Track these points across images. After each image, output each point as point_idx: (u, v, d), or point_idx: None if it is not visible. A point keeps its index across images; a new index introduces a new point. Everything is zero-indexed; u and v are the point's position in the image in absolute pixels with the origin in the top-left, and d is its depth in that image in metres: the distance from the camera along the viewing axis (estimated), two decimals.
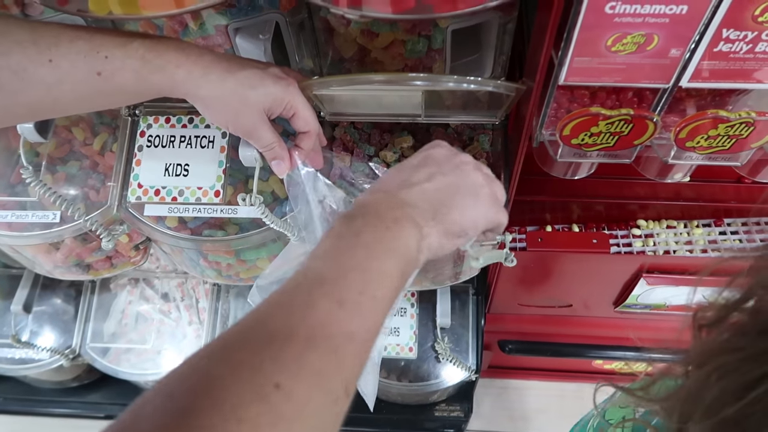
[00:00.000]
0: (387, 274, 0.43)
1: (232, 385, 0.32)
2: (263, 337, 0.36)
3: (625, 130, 0.59)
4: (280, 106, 0.59)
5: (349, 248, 0.44)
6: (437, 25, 0.65)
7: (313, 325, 0.37)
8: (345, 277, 0.41)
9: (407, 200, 0.48)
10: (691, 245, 1.03)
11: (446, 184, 0.51)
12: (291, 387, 0.33)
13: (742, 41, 0.51)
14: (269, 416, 0.32)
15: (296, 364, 0.34)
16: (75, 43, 0.53)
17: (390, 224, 0.46)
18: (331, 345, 0.37)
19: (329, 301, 0.39)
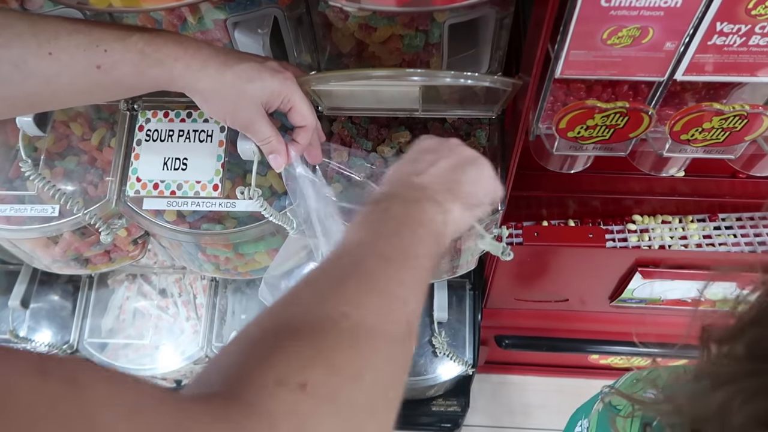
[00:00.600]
0: (421, 240, 0.46)
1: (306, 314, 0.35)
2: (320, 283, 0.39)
3: (621, 123, 0.60)
4: (278, 99, 0.60)
5: (381, 222, 0.47)
6: (434, 20, 0.66)
7: (365, 273, 0.40)
8: (384, 241, 0.44)
9: (422, 184, 0.51)
10: (686, 240, 1.04)
11: (450, 165, 0.54)
12: (360, 316, 0.36)
13: (736, 34, 0.52)
14: (345, 338, 0.34)
15: (359, 301, 0.37)
16: (74, 37, 0.53)
17: (413, 204, 0.49)
18: (385, 287, 0.40)
19: (373, 257, 0.42)
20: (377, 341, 0.36)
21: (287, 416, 0.29)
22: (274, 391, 0.29)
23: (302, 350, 0.32)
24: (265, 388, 0.29)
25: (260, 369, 0.31)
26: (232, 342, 0.35)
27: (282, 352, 0.32)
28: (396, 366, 0.37)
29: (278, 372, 0.30)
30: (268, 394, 0.29)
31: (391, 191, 0.52)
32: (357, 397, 0.32)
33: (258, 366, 0.31)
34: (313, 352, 0.32)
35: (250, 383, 0.30)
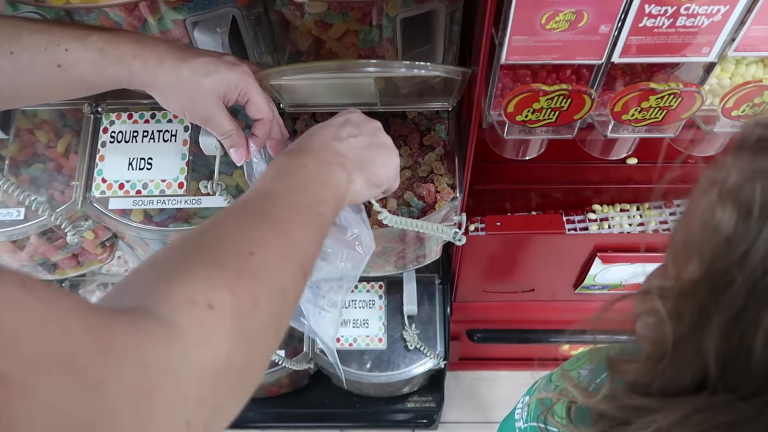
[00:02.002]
0: (324, 200, 0.51)
1: (217, 247, 0.40)
2: (233, 223, 0.44)
3: (565, 105, 0.63)
4: (235, 92, 0.61)
5: (294, 176, 0.52)
6: (387, 15, 0.68)
7: (273, 220, 0.45)
8: (294, 194, 0.49)
9: (339, 150, 0.56)
10: (644, 227, 1.08)
11: (368, 143, 0.60)
12: (263, 255, 0.40)
13: (664, 16, 0.56)
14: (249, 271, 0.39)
15: (265, 242, 0.42)
16: (35, 36, 0.55)
17: (325, 165, 0.54)
18: (289, 234, 0.45)
19: (282, 207, 0.47)
20: (275, 277, 0.41)
21: (194, 329, 0.33)
22: (185, 307, 0.34)
23: (212, 276, 0.37)
24: (177, 305, 0.33)
25: (174, 288, 0.35)
26: (146, 263, 0.39)
27: (194, 276, 0.36)
28: (288, 300, 0.43)
29: (190, 292, 0.35)
30: (179, 309, 0.33)
31: (309, 148, 0.56)
32: (253, 320, 0.37)
33: (171, 285, 0.35)
34: (221, 279, 0.37)
35: (164, 300, 0.33)
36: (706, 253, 0.34)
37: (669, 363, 0.36)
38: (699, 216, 0.35)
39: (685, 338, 0.35)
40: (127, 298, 0.35)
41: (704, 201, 0.35)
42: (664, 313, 0.36)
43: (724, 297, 0.32)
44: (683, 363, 0.35)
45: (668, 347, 0.36)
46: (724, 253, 0.32)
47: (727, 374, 0.33)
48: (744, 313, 0.31)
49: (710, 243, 0.33)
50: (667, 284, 0.37)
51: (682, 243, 0.37)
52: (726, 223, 0.32)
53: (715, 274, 0.33)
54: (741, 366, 0.32)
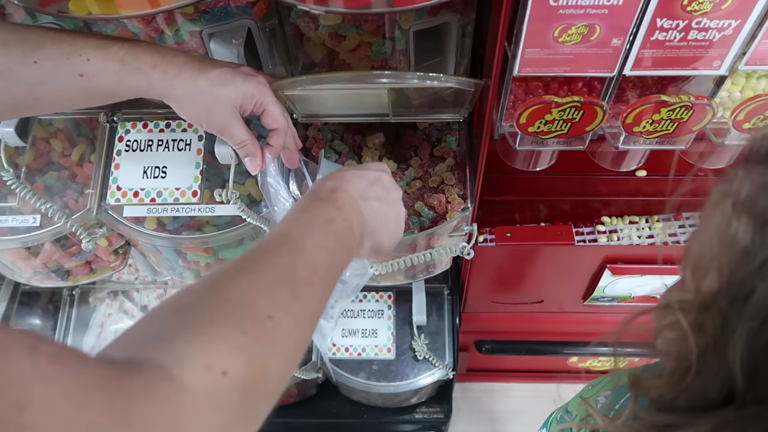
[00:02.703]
0: (341, 264, 0.52)
1: (239, 304, 0.40)
2: (258, 278, 0.43)
3: (577, 117, 0.64)
4: (251, 102, 0.62)
5: (323, 231, 0.51)
6: (400, 27, 0.69)
7: (295, 283, 0.45)
8: (319, 255, 0.48)
9: (363, 212, 0.56)
10: (653, 239, 1.08)
11: (385, 213, 0.59)
12: (281, 321, 0.41)
13: (675, 30, 0.56)
14: (265, 337, 0.39)
15: (285, 307, 0.42)
16: (58, 46, 0.56)
17: (348, 228, 0.54)
18: (308, 300, 0.45)
19: (307, 269, 0.46)
20: (288, 345, 0.42)
21: (208, 396, 0.34)
22: (201, 372, 0.34)
23: (230, 340, 0.37)
24: (195, 369, 0.34)
25: (193, 348, 0.35)
26: (167, 307, 0.39)
27: (214, 337, 0.37)
28: (292, 365, 0.44)
29: (208, 356, 0.35)
30: (197, 374, 0.34)
31: (339, 200, 0.55)
32: (261, 386, 0.38)
33: (191, 345, 0.35)
34: (239, 345, 0.37)
35: (182, 361, 0.34)
36: (724, 265, 0.34)
37: (694, 377, 0.36)
38: (714, 229, 0.35)
39: (710, 351, 0.35)
40: (147, 344, 0.36)
41: (718, 213, 0.35)
42: (686, 327, 0.36)
43: (746, 307, 0.32)
44: (709, 376, 0.35)
45: (693, 360, 0.36)
46: (743, 264, 0.33)
47: (755, 385, 0.33)
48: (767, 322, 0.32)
49: (728, 255, 0.34)
50: (687, 297, 0.37)
51: (699, 256, 0.37)
52: (743, 234, 0.33)
53: (735, 285, 0.33)
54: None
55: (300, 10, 0.68)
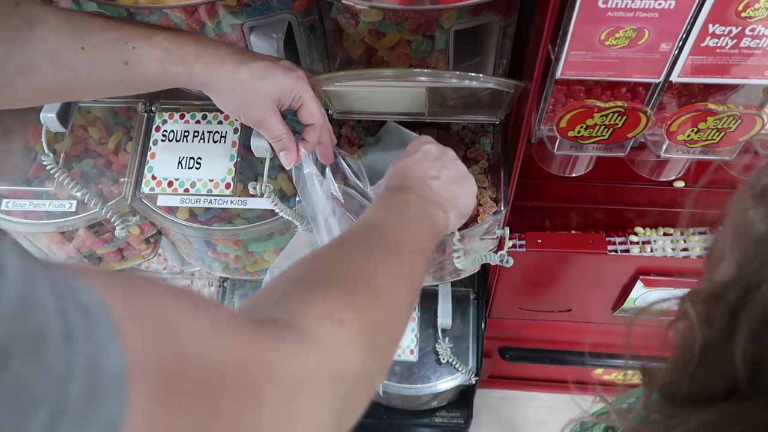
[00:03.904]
0: (430, 236, 0.57)
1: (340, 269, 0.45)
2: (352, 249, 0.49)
3: (619, 123, 0.62)
4: (289, 96, 0.62)
5: (402, 211, 0.57)
6: (441, 26, 0.69)
7: (386, 248, 0.50)
8: (404, 227, 0.54)
9: (435, 188, 0.61)
10: (687, 252, 1.05)
11: (453, 177, 0.65)
12: (380, 280, 0.45)
13: (728, 36, 0.55)
14: (369, 293, 0.43)
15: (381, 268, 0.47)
16: (106, 33, 0.57)
17: (428, 204, 0.59)
18: (400, 262, 0.50)
19: (394, 237, 0.52)
20: (391, 299, 0.46)
21: (329, 341, 0.37)
22: (320, 323, 0.37)
23: (340, 296, 0.41)
24: (313, 320, 0.37)
25: (308, 305, 0.39)
26: (278, 281, 0.44)
27: (324, 295, 0.40)
28: (401, 321, 0.48)
29: (322, 310, 0.39)
30: (315, 324, 0.37)
31: (410, 185, 0.61)
32: (375, 336, 0.41)
33: (306, 303, 0.39)
34: (348, 300, 0.41)
35: (301, 315, 0.37)
36: (738, 255, 0.34)
37: (697, 367, 0.36)
38: (732, 218, 0.35)
39: (715, 342, 0.35)
40: (267, 309, 0.39)
41: (738, 203, 0.35)
42: (693, 316, 0.36)
43: (755, 298, 0.32)
44: (712, 367, 0.35)
45: (696, 351, 0.36)
46: (756, 254, 0.32)
47: (757, 377, 0.32)
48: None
49: (742, 243, 0.34)
50: (698, 287, 0.38)
51: (715, 245, 0.37)
52: (759, 223, 0.33)
53: (746, 276, 0.33)
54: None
55: (341, 6, 0.68)
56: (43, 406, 0.20)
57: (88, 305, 0.24)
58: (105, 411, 0.22)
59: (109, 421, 0.23)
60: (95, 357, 0.23)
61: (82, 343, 0.22)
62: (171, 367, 0.26)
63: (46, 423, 0.20)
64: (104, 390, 0.23)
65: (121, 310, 0.25)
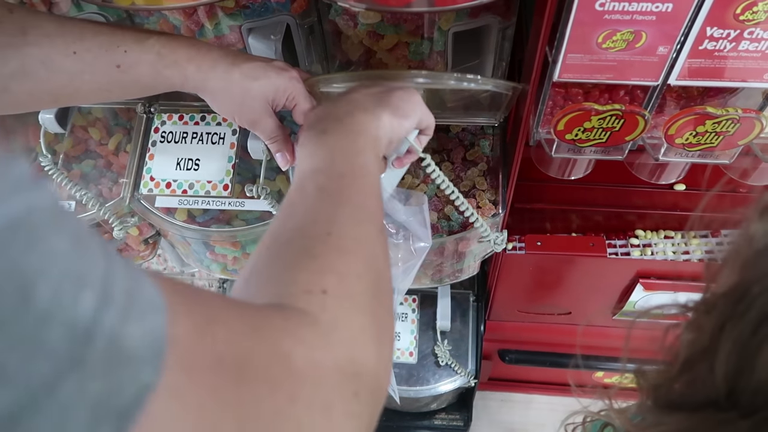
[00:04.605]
0: (362, 149, 0.51)
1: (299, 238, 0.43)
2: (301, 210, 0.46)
3: (617, 126, 0.62)
4: (283, 96, 0.62)
5: (324, 143, 0.52)
6: (439, 28, 0.69)
7: (329, 193, 0.47)
8: (334, 160, 0.50)
9: (352, 98, 0.56)
10: (688, 255, 1.05)
11: (380, 90, 0.58)
12: (339, 231, 0.43)
13: (726, 39, 0.54)
14: (336, 251, 0.42)
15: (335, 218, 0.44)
16: (98, 38, 0.57)
17: (346, 117, 0.53)
18: (349, 200, 0.47)
19: (331, 177, 0.48)
20: (360, 245, 0.44)
21: (322, 313, 0.37)
22: (306, 297, 0.37)
23: (312, 266, 0.40)
24: (299, 297, 0.37)
25: (288, 285, 0.38)
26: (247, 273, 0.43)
27: (298, 270, 0.39)
28: (380, 258, 0.45)
29: (303, 284, 0.38)
30: (304, 300, 0.37)
31: (323, 114, 0.55)
32: (364, 291, 0.40)
33: (284, 284, 0.39)
34: (321, 266, 0.40)
35: (289, 295, 0.37)
36: (736, 266, 0.34)
37: (683, 374, 0.36)
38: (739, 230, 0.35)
39: (701, 352, 0.34)
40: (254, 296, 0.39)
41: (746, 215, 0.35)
42: (684, 323, 0.37)
43: (742, 312, 0.32)
44: (697, 377, 0.35)
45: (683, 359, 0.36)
46: (753, 267, 0.32)
47: (735, 392, 0.32)
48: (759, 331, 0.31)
49: (742, 254, 0.34)
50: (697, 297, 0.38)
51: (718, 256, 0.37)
52: (761, 236, 0.33)
53: (740, 287, 0.33)
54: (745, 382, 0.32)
55: (339, 8, 0.68)
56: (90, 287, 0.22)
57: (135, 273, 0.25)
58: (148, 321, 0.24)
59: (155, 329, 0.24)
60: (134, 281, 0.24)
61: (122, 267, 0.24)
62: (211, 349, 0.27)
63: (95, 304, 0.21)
64: (145, 307, 0.24)
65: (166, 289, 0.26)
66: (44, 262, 0.20)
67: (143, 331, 0.23)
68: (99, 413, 0.21)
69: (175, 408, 0.25)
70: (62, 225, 0.22)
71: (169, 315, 0.25)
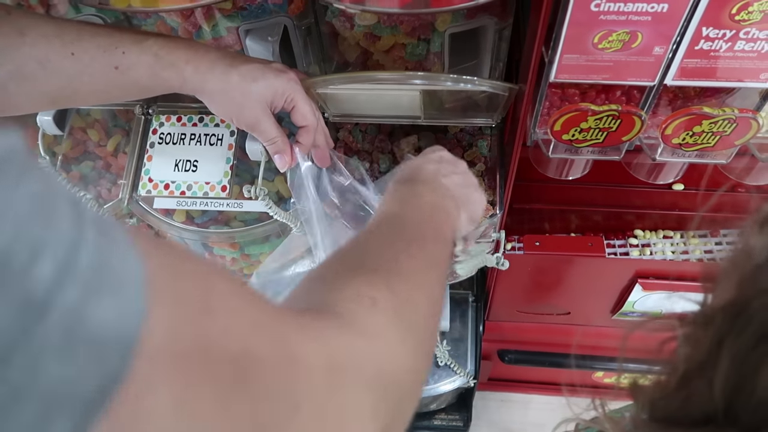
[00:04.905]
0: (447, 228, 0.54)
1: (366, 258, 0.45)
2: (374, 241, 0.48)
3: (613, 126, 0.62)
4: (281, 98, 0.62)
5: (416, 203, 0.55)
6: (436, 29, 0.69)
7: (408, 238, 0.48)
8: (421, 218, 0.52)
9: (446, 185, 0.59)
10: (687, 255, 1.05)
11: (465, 182, 0.62)
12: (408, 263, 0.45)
13: (722, 39, 0.54)
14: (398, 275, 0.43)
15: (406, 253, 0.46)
16: (95, 39, 0.57)
17: (440, 197, 0.57)
18: (424, 250, 0.48)
19: (413, 228, 0.50)
20: (423, 282, 0.45)
21: (365, 319, 0.37)
22: (354, 304, 0.38)
23: (371, 280, 0.41)
24: (347, 301, 0.38)
25: (339, 291, 0.39)
26: (305, 282, 0.44)
27: (356, 280, 0.40)
28: (436, 305, 0.47)
29: (355, 291, 0.39)
30: (350, 305, 0.37)
31: (421, 179, 0.58)
32: (410, 314, 0.41)
33: (336, 290, 0.39)
34: (379, 282, 0.41)
35: (336, 300, 0.38)
36: (734, 280, 0.33)
37: (680, 389, 0.35)
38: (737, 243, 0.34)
39: (699, 367, 0.34)
40: (301, 302, 0.40)
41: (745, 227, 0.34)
42: (681, 337, 0.36)
43: (741, 327, 0.31)
44: (694, 392, 0.34)
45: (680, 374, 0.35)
46: (752, 282, 0.32)
47: (733, 410, 0.32)
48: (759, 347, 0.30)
49: (741, 269, 0.33)
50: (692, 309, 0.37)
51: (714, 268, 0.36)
52: (760, 250, 0.32)
53: (738, 302, 0.32)
54: (745, 399, 0.31)
55: (336, 9, 0.68)
56: (50, 253, 0.18)
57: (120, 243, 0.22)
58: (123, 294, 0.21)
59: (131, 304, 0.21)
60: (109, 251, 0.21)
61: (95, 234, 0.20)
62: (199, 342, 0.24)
63: (54, 273, 0.18)
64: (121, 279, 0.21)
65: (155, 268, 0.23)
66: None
67: (113, 312, 0.20)
68: (53, 402, 0.18)
69: (147, 406, 0.21)
70: (26, 179, 0.19)
71: (149, 296, 0.21)
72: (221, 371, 0.25)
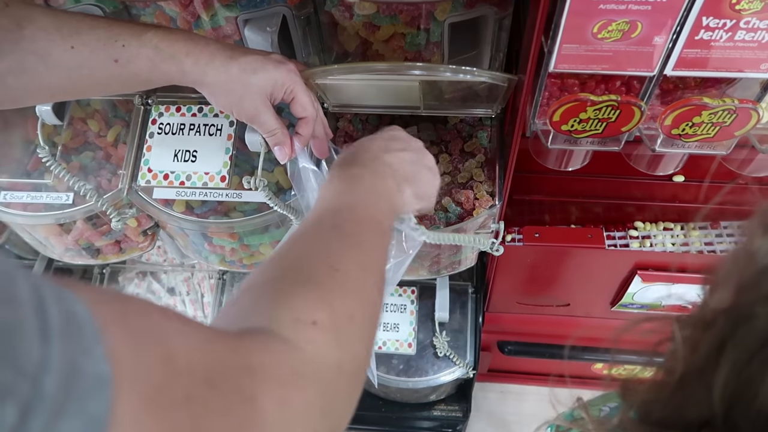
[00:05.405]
0: (385, 210, 0.55)
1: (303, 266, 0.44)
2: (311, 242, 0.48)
3: (613, 117, 0.62)
4: (281, 90, 0.62)
5: (353, 189, 0.55)
6: (435, 19, 0.68)
7: (344, 235, 0.48)
8: (356, 208, 0.52)
9: (388, 162, 0.58)
10: (687, 247, 1.04)
11: (415, 159, 0.62)
12: (346, 270, 0.44)
13: (722, 29, 0.54)
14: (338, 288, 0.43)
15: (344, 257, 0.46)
16: (95, 32, 0.57)
17: (380, 178, 0.57)
18: (361, 247, 0.48)
19: (350, 222, 0.50)
20: (361, 290, 0.45)
21: (307, 344, 0.37)
22: (296, 326, 0.38)
23: (308, 296, 0.41)
24: (288, 324, 0.38)
25: (279, 310, 0.39)
26: (242, 291, 0.43)
27: (293, 297, 0.40)
28: (376, 306, 0.47)
29: (295, 312, 0.39)
30: (291, 328, 0.37)
31: (362, 159, 0.58)
32: (352, 331, 0.41)
33: (277, 308, 0.39)
34: (317, 298, 0.41)
35: (275, 321, 0.38)
36: (736, 282, 0.32)
37: (676, 392, 0.35)
38: (737, 245, 0.34)
39: (697, 370, 0.33)
40: (239, 322, 0.39)
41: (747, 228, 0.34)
42: (679, 339, 0.35)
43: (744, 331, 0.31)
44: (691, 396, 0.34)
45: (677, 376, 0.35)
46: (754, 285, 0.31)
47: (732, 415, 0.31)
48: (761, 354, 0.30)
49: (743, 272, 0.32)
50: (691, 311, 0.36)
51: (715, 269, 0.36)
52: (764, 253, 0.31)
53: (741, 306, 0.32)
54: (746, 407, 0.31)
55: None
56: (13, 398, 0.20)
57: (74, 310, 0.24)
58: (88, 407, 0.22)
59: (94, 416, 0.23)
60: (76, 356, 0.23)
61: (60, 341, 0.22)
62: (161, 373, 0.27)
63: (18, 415, 0.20)
64: (86, 388, 0.23)
65: (108, 319, 0.25)
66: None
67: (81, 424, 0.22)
68: None
69: None
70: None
71: (115, 392, 0.23)
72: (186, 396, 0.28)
